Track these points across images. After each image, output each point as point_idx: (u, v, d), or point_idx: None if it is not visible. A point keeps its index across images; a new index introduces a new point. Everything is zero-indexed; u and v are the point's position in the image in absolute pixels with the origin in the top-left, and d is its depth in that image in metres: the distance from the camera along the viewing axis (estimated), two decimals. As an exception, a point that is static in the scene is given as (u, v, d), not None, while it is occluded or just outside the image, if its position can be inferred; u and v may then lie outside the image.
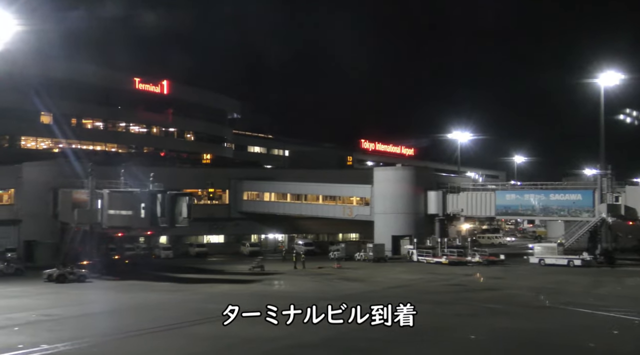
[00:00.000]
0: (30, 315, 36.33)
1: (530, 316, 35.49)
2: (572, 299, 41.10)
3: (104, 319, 35.73)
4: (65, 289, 49.62)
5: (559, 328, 31.80)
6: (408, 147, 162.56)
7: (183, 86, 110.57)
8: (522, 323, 33.09)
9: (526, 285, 49.42)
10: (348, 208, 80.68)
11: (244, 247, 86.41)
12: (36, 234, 69.11)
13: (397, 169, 77.51)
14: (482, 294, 44.52)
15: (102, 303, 42.17)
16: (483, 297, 42.69)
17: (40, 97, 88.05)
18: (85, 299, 44.08)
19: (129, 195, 57.09)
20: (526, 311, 37.10)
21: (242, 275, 59.39)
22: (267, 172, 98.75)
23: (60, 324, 33.58)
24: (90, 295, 46.35)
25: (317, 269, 63.33)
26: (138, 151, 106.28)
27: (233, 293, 45.34)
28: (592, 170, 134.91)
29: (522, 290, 46.40)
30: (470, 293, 45.30)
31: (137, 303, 41.97)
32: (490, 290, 47.05)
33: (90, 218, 58.13)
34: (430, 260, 68.20)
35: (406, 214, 75.15)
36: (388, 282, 51.19)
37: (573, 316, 35.44)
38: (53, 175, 69.49)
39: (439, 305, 38.48)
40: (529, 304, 39.76)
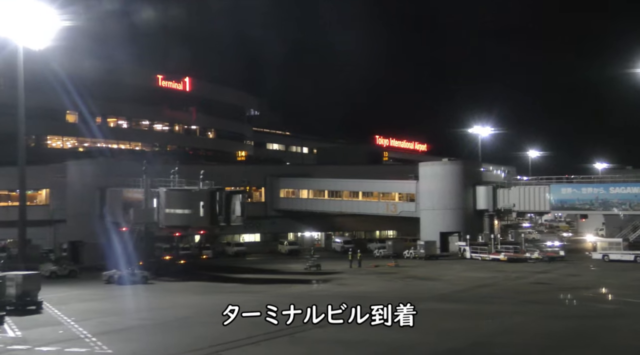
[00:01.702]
0: (124, 319, 34.95)
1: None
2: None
3: (202, 323, 34.08)
4: (133, 291, 47.95)
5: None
6: (421, 142, 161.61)
7: (204, 83, 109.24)
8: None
9: (612, 283, 48.01)
10: (392, 204, 79.13)
11: (282, 245, 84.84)
12: (80, 235, 67.20)
13: (445, 163, 75.92)
14: (581, 293, 42.91)
15: (184, 306, 40.37)
16: (585, 297, 41.29)
17: (66, 96, 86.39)
18: (164, 302, 42.33)
19: (187, 193, 55.34)
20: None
21: (302, 274, 57.83)
22: (302, 169, 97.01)
23: (166, 328, 32.07)
24: (166, 298, 44.56)
25: (373, 268, 61.83)
26: (161, 150, 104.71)
27: (312, 295, 43.62)
28: (602, 164, 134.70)
29: (615, 288, 44.96)
30: (569, 292, 43.66)
31: (220, 306, 40.05)
32: (583, 288, 45.25)
33: (146, 217, 56.39)
34: (485, 257, 66.70)
35: (454, 209, 73.61)
36: (464, 281, 49.61)
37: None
38: (98, 174, 67.68)
39: (546, 305, 37.09)
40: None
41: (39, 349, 27.66)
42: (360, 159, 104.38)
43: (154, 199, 56.71)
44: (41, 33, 59.37)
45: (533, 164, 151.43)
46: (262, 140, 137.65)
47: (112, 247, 63.44)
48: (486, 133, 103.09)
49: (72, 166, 71.01)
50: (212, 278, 55.40)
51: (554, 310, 35.57)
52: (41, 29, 58.73)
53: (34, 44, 62.39)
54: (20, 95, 63.64)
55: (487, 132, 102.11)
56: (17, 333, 31.37)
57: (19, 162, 65.15)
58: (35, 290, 39.19)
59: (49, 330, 32.05)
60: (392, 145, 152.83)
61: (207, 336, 29.43)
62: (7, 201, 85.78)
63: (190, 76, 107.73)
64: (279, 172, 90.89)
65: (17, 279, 38.09)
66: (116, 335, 30.27)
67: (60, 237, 77.78)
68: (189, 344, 28.04)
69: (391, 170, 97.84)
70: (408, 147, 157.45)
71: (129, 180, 61.51)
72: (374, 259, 69.66)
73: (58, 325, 33.50)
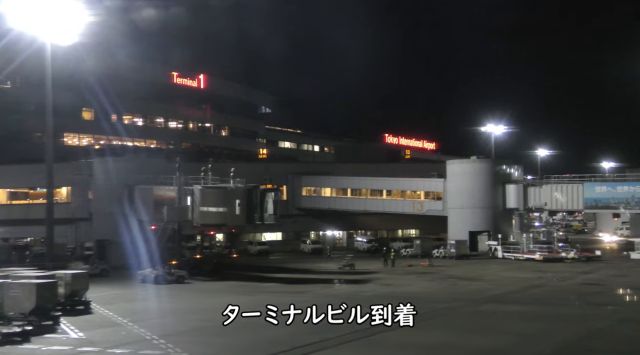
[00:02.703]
0: (182, 320, 34.13)
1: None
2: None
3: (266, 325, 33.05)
4: (175, 290, 46.94)
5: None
6: (429, 141, 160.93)
7: (218, 80, 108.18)
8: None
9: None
10: (418, 203, 78.22)
11: (305, 244, 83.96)
12: (106, 233, 66.09)
13: (474, 161, 74.99)
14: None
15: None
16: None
17: (82, 93, 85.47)
18: (215, 303, 40.73)
19: (222, 191, 54.27)
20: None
21: (338, 274, 56.87)
22: (323, 167, 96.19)
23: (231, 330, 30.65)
24: (213, 298, 43.29)
25: (407, 267, 60.96)
26: (176, 147, 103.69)
27: (362, 295, 42.59)
28: (609, 162, 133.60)
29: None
30: (628, 294, 42.77)
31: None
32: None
33: (180, 216, 55.33)
34: (519, 257, 65.80)
35: (483, 208, 72.76)
36: (511, 282, 48.61)
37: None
38: (125, 172, 66.59)
39: (616, 307, 36.21)
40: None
41: (111, 351, 26.71)
42: (379, 157, 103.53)
43: (188, 197, 55.68)
44: (59, 30, 58.60)
45: (538, 163, 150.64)
46: (274, 138, 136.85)
47: (141, 245, 62.61)
48: (499, 131, 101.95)
49: (98, 163, 69.85)
50: (248, 278, 54.35)
51: (626, 313, 34.66)
52: (59, 26, 58.01)
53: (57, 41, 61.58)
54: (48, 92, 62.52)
55: (499, 130, 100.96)
56: (79, 334, 30.41)
57: (47, 159, 63.92)
58: (84, 289, 38.22)
59: (110, 331, 31.10)
60: (401, 144, 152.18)
61: (277, 339, 28.36)
62: (26, 199, 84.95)
63: (204, 73, 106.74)
64: (299, 170, 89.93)
65: (67, 278, 37.10)
66: (183, 337, 29.27)
67: (81, 235, 76.92)
68: (264, 348, 27.07)
69: (412, 169, 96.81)
70: (417, 145, 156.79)
71: (160, 178, 60.48)
72: (401, 258, 68.64)
73: (116, 326, 32.56)
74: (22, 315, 31.77)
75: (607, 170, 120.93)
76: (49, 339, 29.31)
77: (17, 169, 79.52)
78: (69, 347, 27.57)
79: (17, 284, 32.38)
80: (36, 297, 31.80)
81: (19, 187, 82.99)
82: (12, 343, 28.22)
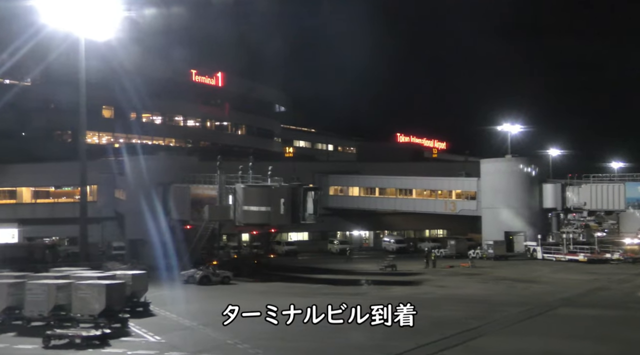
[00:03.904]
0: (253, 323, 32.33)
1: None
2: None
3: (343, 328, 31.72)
4: (224, 291, 45.31)
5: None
6: (440, 140, 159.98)
7: (236, 78, 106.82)
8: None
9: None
10: (451, 203, 76.90)
11: (332, 244, 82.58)
12: (139, 233, 64.57)
13: (509, 160, 73.72)
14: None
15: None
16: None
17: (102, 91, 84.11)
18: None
19: (267, 190, 52.90)
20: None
21: (381, 275, 55.72)
22: (348, 166, 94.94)
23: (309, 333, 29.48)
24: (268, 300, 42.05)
25: (449, 268, 59.71)
26: (194, 146, 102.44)
27: (422, 298, 41.27)
28: (618, 163, 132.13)
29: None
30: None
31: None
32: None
33: (222, 215, 53.93)
34: (560, 258, 64.52)
35: (519, 208, 71.41)
36: (569, 284, 47.30)
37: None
38: (158, 170, 65.11)
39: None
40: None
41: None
42: (402, 156, 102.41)
43: (229, 196, 54.33)
44: (93, 27, 57.68)
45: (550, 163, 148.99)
46: (289, 137, 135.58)
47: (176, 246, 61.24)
48: (515, 130, 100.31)
49: (130, 162, 68.35)
50: (291, 279, 53.00)
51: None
52: (93, 23, 57.13)
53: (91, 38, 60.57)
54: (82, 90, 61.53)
55: (516, 129, 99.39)
56: (156, 338, 29.10)
57: (80, 157, 63.09)
58: (143, 290, 36.87)
59: (187, 334, 29.83)
60: (412, 142, 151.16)
61: (365, 344, 27.19)
62: (48, 197, 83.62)
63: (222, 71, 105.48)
64: (325, 169, 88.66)
65: (127, 278, 35.65)
66: (265, 342, 27.75)
67: (107, 234, 75.58)
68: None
69: (438, 168, 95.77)
70: (428, 145, 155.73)
71: (198, 176, 59.06)
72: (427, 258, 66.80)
73: (188, 329, 31.31)
74: (90, 317, 30.47)
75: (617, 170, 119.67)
76: (128, 343, 28.03)
77: (41, 167, 78.35)
78: (155, 352, 26.24)
79: (86, 285, 31.05)
80: (106, 298, 30.49)
81: (44, 186, 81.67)
82: (93, 347, 26.95)
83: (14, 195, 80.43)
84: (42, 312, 31.01)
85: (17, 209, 77.74)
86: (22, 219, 75.64)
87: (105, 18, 57.10)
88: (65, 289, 31.29)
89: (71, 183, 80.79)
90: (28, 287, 31.36)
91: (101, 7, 55.58)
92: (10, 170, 77.25)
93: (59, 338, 27.41)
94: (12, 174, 77.55)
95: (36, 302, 31.02)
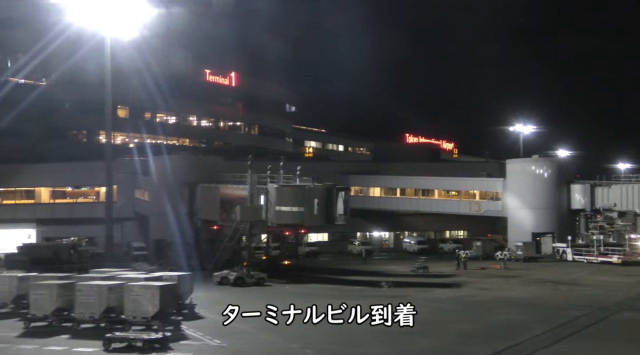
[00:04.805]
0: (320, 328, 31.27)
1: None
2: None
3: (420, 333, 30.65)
4: (262, 293, 44.02)
5: None
6: (448, 141, 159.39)
7: (248, 78, 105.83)
8: None
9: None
10: (475, 203, 75.82)
11: (353, 245, 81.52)
12: (165, 233, 63.52)
13: (536, 160, 72.70)
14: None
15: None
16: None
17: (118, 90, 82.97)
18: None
19: (300, 190, 51.89)
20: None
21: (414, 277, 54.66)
22: (370, 166, 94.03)
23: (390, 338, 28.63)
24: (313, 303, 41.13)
25: (480, 270, 58.71)
26: (208, 146, 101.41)
27: (470, 300, 40.44)
28: (625, 164, 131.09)
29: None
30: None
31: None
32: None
33: (254, 215, 52.85)
34: (592, 260, 63.43)
35: (546, 209, 70.42)
36: (617, 287, 45.82)
37: None
38: (183, 170, 64.06)
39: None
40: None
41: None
42: (419, 156, 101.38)
43: (261, 196, 53.26)
44: (106, 27, 56.97)
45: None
46: (300, 137, 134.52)
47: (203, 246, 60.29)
48: (527, 131, 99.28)
49: (154, 161, 67.30)
50: (325, 280, 51.92)
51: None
52: (117, 22, 56.47)
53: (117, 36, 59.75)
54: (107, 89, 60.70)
55: (528, 129, 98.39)
56: (216, 341, 27.96)
57: (106, 158, 62.27)
58: (189, 292, 35.76)
59: (244, 338, 28.39)
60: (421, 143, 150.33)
61: (438, 348, 26.10)
62: (64, 197, 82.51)
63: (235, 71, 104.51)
64: (345, 169, 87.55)
65: (171, 280, 34.52)
66: (334, 348, 26.72)
67: (126, 235, 74.43)
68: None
69: (458, 168, 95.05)
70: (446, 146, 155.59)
71: (227, 176, 58.03)
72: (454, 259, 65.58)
73: (245, 333, 29.55)
74: (143, 319, 29.42)
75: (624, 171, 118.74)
76: (189, 347, 27.01)
77: (60, 167, 77.19)
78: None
79: (139, 286, 29.95)
80: (159, 300, 29.39)
81: (62, 186, 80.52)
82: (155, 350, 25.85)
83: (31, 195, 79.25)
84: (93, 314, 29.99)
85: (36, 209, 76.53)
86: (40, 219, 74.68)
87: (123, 18, 56.27)
88: (116, 291, 30.25)
89: (89, 183, 79.94)
90: (78, 289, 30.32)
91: (117, 7, 54.90)
92: (28, 169, 76.05)
93: (120, 341, 26.32)
94: (29, 173, 76.37)
95: (87, 303, 30.00)
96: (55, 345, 26.83)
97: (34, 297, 30.56)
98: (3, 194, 78.87)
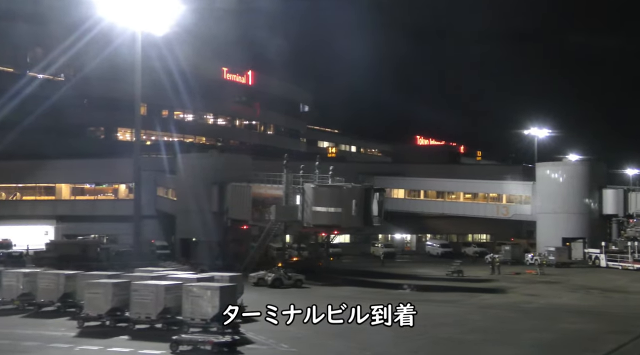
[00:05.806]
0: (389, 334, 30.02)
1: None
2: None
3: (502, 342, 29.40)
4: (303, 295, 42.51)
5: None
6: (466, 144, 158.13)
7: (265, 76, 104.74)
8: None
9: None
10: (503, 207, 74.43)
11: (375, 248, 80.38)
12: (192, 232, 62.18)
13: (567, 164, 71.55)
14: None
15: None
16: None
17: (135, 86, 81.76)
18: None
19: (338, 190, 50.60)
20: None
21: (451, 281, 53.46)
22: (393, 167, 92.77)
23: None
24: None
25: (515, 275, 57.47)
26: (225, 145, 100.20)
27: (525, 308, 39.00)
28: (633, 170, 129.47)
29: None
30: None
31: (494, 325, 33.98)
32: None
33: (289, 215, 51.48)
34: (627, 267, 62.07)
35: (578, 214, 69.03)
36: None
37: None
38: (212, 169, 62.67)
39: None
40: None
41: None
42: (439, 158, 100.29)
43: (297, 196, 51.94)
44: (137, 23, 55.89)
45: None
46: (313, 137, 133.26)
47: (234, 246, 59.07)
48: (542, 134, 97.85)
49: (182, 159, 65.91)
50: (361, 283, 50.72)
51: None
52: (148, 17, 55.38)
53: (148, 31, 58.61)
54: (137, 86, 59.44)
55: (543, 133, 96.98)
56: (282, 346, 26.61)
57: (134, 155, 61.14)
58: (239, 293, 34.34)
59: (313, 344, 27.15)
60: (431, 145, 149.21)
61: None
62: (84, 194, 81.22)
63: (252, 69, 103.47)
64: (366, 170, 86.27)
65: (223, 281, 33.19)
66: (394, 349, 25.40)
67: (148, 234, 73.03)
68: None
69: (479, 171, 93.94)
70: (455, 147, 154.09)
71: (260, 175, 56.66)
72: (485, 264, 64.34)
73: (307, 338, 28.37)
74: (202, 321, 28.05)
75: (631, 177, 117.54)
76: (257, 351, 25.69)
77: (79, 163, 75.88)
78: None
79: (199, 287, 28.57)
80: (219, 302, 28.04)
81: (83, 182, 79.21)
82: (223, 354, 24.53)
83: (51, 192, 77.92)
84: (149, 314, 28.73)
85: (57, 205, 75.20)
86: (60, 215, 73.45)
87: (144, 14, 55.16)
88: (173, 291, 28.95)
89: (111, 180, 78.64)
90: (134, 288, 29.03)
91: (139, 4, 53.84)
92: (48, 165, 74.74)
93: (187, 344, 25.01)
94: (49, 169, 75.09)
95: (143, 303, 28.74)
96: (119, 347, 25.55)
97: (88, 296, 29.27)
98: (22, 190, 77.56)
